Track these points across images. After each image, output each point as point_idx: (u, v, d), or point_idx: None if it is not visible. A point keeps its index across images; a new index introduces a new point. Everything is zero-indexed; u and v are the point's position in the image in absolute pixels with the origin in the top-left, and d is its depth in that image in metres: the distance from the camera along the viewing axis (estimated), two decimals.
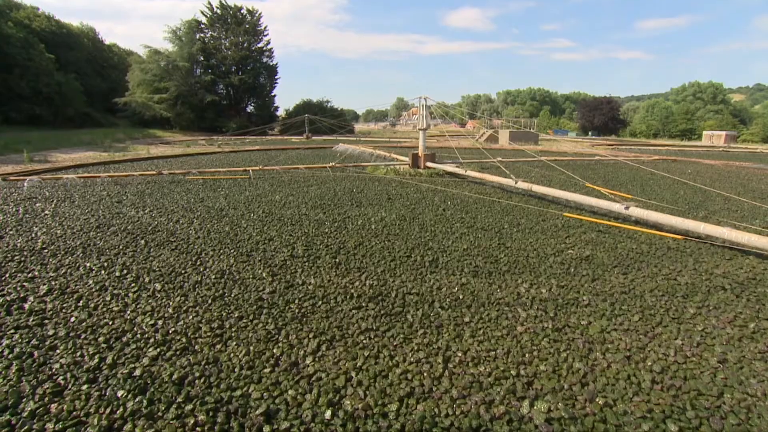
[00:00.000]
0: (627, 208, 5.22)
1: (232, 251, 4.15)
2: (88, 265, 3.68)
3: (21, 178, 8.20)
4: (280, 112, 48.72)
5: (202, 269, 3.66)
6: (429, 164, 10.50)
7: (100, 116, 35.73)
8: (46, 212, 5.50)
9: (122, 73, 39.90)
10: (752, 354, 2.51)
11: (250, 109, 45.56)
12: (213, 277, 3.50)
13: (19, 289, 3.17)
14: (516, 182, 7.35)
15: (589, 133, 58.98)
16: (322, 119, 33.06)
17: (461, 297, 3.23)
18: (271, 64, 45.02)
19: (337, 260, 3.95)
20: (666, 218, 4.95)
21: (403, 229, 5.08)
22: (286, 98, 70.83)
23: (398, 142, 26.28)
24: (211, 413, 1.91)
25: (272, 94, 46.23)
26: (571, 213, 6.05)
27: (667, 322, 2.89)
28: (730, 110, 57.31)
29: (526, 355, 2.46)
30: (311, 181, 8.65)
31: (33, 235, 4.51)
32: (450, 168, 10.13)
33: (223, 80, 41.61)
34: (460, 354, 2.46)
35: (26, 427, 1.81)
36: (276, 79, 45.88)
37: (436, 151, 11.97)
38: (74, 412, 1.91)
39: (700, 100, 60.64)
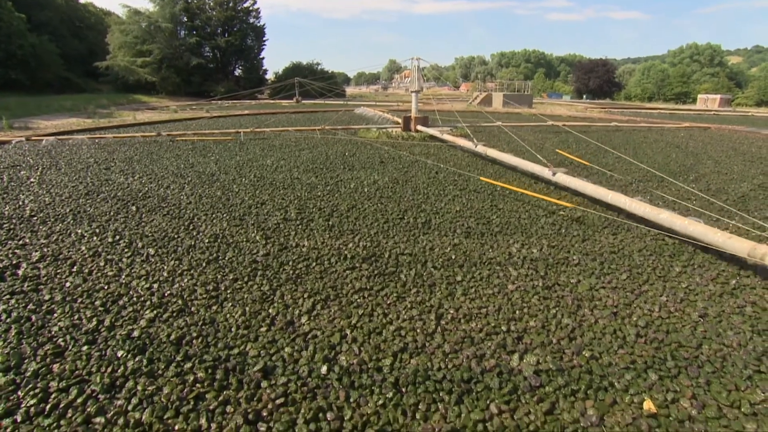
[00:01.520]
0: (554, 174, 5.16)
1: (224, 215, 4.14)
2: (79, 231, 3.66)
3: (39, 137, 8.69)
4: (269, 76, 47.22)
5: (195, 234, 3.66)
6: (420, 128, 10.36)
7: (81, 81, 34.29)
8: (32, 180, 5.39)
9: (101, 34, 38.04)
10: (731, 308, 2.61)
11: (238, 72, 44.10)
12: (206, 241, 3.50)
13: (10, 256, 3.16)
14: (476, 145, 7.42)
15: (584, 96, 58.22)
16: (312, 82, 32.16)
17: (453, 257, 3.28)
18: (259, 25, 43.24)
19: (330, 223, 3.97)
20: (590, 187, 4.67)
21: (396, 192, 5.08)
22: (275, 61, 69.08)
23: (399, 104, 25.81)
24: (209, 371, 1.97)
25: (260, 56, 44.69)
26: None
27: (653, 280, 2.98)
28: (727, 73, 56.61)
29: (517, 312, 2.53)
30: (302, 145, 8.53)
31: (20, 203, 4.44)
32: (433, 131, 10.00)
33: (209, 42, 39.99)
34: (452, 311, 2.52)
35: (30, 386, 1.85)
36: (264, 41, 44.21)
37: (428, 114, 11.77)
38: (76, 372, 1.95)
39: (697, 63, 59.71)
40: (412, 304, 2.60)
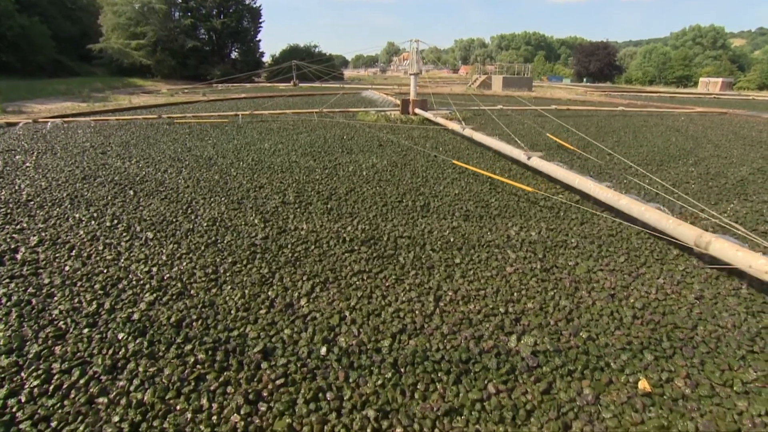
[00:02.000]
0: (529, 158, 5.16)
1: (222, 199, 4.12)
2: (77, 216, 3.64)
3: (46, 119, 8.86)
4: (266, 59, 46.53)
5: (193, 217, 3.65)
6: (418, 111, 10.26)
7: (75, 64, 33.65)
8: (28, 164, 5.35)
9: (93, 16, 37.17)
10: (727, 291, 2.63)
11: (234, 55, 43.33)
12: (205, 224, 3.50)
13: (8, 240, 3.15)
14: (463, 129, 7.46)
15: (584, 79, 57.56)
16: (309, 65, 31.70)
17: (452, 240, 3.29)
18: (255, 6, 42.33)
19: (328, 206, 3.96)
20: (560, 172, 4.63)
21: (395, 175, 5.06)
22: (271, 44, 68.08)
23: (396, 87, 25.55)
24: (210, 352, 1.98)
25: (257, 39, 43.88)
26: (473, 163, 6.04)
27: (651, 263, 2.99)
28: (729, 56, 55.77)
29: (515, 294, 2.55)
30: (300, 129, 8.46)
31: (16, 187, 4.41)
32: (428, 115, 9.93)
33: (205, 24, 39.17)
34: (450, 293, 2.54)
35: (33, 367, 1.87)
36: (260, 23, 43.37)
37: (427, 97, 11.65)
38: (78, 353, 1.97)
39: (700, 45, 58.82)
40: (411, 286, 2.61)
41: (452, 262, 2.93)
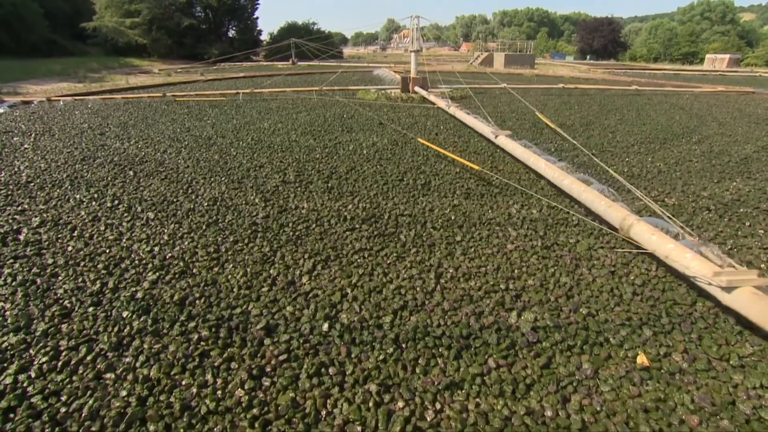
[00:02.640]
0: (496, 137, 5.13)
1: (223, 179, 4.11)
2: (77, 197, 3.64)
3: (58, 98, 9.17)
4: (264, 37, 45.60)
5: (194, 197, 3.65)
6: (417, 89, 10.11)
7: (69, 44, 32.96)
8: (26, 146, 5.31)
9: None
10: None
11: (231, 33, 42.43)
12: (205, 204, 3.50)
13: (11, 221, 3.16)
14: (449, 107, 7.50)
15: (587, 57, 56.44)
16: (308, 43, 31.08)
17: (453, 218, 3.29)
18: None
19: (329, 185, 3.95)
20: (518, 150, 4.63)
21: (395, 154, 5.03)
22: (269, 21, 66.63)
23: (393, 65, 25.13)
24: (213, 329, 2.01)
25: (254, 16, 42.88)
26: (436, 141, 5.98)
27: None
28: (738, 31, 54.32)
29: (515, 271, 2.56)
30: (300, 108, 8.37)
31: (16, 169, 4.39)
32: (424, 93, 9.82)
33: (200, 2, 38.28)
34: (451, 270, 2.55)
35: (41, 344, 1.90)
36: (257, 0, 42.40)
37: (428, 75, 11.46)
38: (84, 331, 1.99)
39: (708, 20, 57.23)
40: (412, 263, 2.62)
41: (453, 240, 2.93)
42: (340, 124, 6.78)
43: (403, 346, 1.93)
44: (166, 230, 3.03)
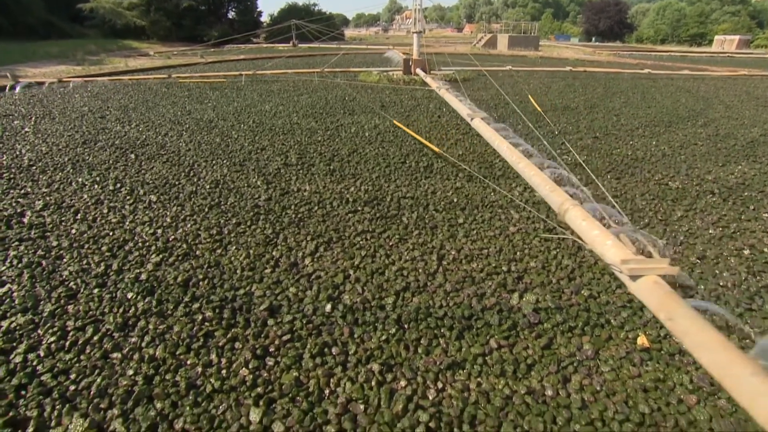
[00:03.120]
0: (472, 119, 5.07)
1: (224, 161, 4.10)
2: (80, 180, 3.64)
3: (69, 79, 9.34)
4: (264, 18, 44.86)
5: (195, 180, 3.64)
6: (418, 71, 9.96)
7: (66, 26, 32.43)
8: (27, 129, 5.29)
9: None
10: (729, 251, 2.63)
11: (231, 15, 41.76)
12: (208, 187, 3.49)
13: (14, 204, 3.17)
14: (439, 89, 7.41)
15: (593, 38, 55.31)
16: (308, 25, 30.54)
17: (455, 200, 3.28)
18: None
19: (331, 167, 3.93)
20: (487, 133, 4.43)
21: (398, 136, 4.99)
22: (269, 2, 64.82)
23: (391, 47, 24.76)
24: (217, 310, 2.03)
25: None
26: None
27: (654, 224, 2.99)
28: (749, 11, 52.80)
29: (518, 253, 2.56)
30: (301, 90, 8.28)
31: (17, 152, 4.38)
32: (423, 74, 9.69)
33: None
34: (453, 252, 2.56)
35: (48, 325, 1.93)
36: None
37: (432, 57, 11.29)
38: (90, 312, 2.02)
39: (718, 0, 55.73)
40: (414, 245, 2.63)
41: (455, 222, 2.93)
42: (342, 106, 6.72)
43: (406, 326, 1.95)
44: (168, 213, 3.04)
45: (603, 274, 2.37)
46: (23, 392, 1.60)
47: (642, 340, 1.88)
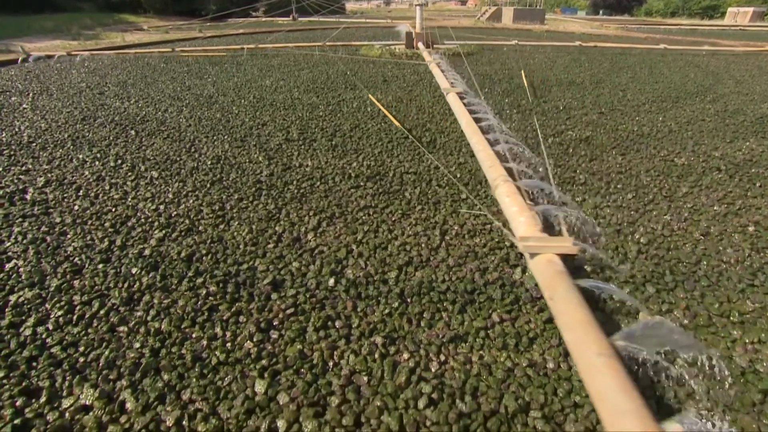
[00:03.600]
0: (447, 93, 5.02)
1: (225, 137, 4.06)
2: (80, 156, 3.62)
3: (77, 52, 9.59)
4: None
5: (197, 156, 3.62)
6: (419, 46, 9.74)
7: None
8: (24, 106, 5.24)
9: None
10: (734, 228, 2.61)
11: None
12: (209, 162, 3.47)
13: (16, 181, 3.16)
14: (430, 63, 7.42)
15: (600, 12, 53.67)
16: None
17: (459, 175, 3.25)
18: None
19: (333, 143, 3.90)
20: (457, 107, 4.61)
21: (400, 111, 4.92)
22: None
23: (389, 21, 24.17)
24: (221, 284, 2.04)
25: None
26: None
27: (659, 200, 2.96)
28: None
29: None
30: (302, 65, 8.13)
31: (16, 129, 4.35)
32: (421, 46, 9.52)
33: None
34: (456, 227, 2.55)
35: (56, 299, 1.95)
36: None
37: (435, 30, 11.02)
38: (96, 287, 2.04)
39: None
40: (417, 220, 2.62)
41: (459, 198, 2.92)
42: (344, 81, 6.61)
43: (408, 300, 1.96)
44: (170, 189, 3.03)
45: (606, 249, 2.37)
46: (34, 363, 1.63)
47: (643, 316, 1.89)
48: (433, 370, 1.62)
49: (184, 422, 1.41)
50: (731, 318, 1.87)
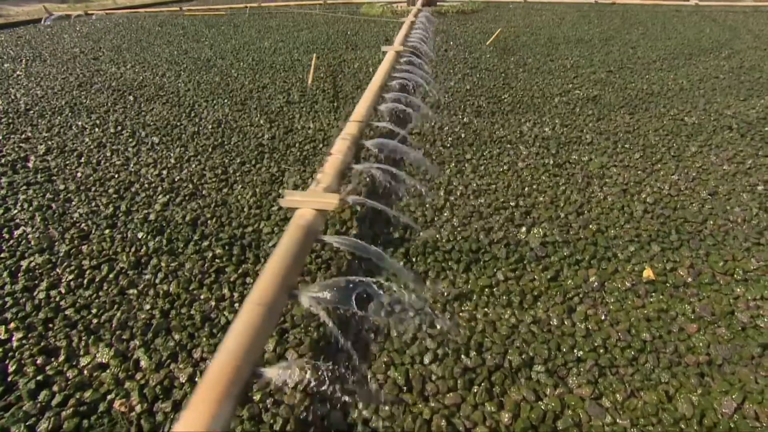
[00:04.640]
0: (386, 53, 4.78)
1: (225, 101, 3.99)
2: (80, 123, 3.58)
3: (93, 12, 9.96)
4: None
5: (197, 120, 3.57)
6: (417, 2, 9.33)
7: None
8: (18, 73, 5.13)
9: None
10: (742, 187, 2.57)
11: None
12: (210, 127, 3.43)
13: (17, 149, 3.15)
14: (413, 19, 7.09)
15: None
16: None
17: (463, 135, 3.20)
18: None
19: (335, 104, 3.82)
20: (382, 66, 4.12)
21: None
22: None
23: None
24: (227, 247, 2.06)
25: None
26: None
27: (667, 160, 2.90)
28: None
29: (526, 189, 2.53)
30: (301, 25, 7.86)
31: (12, 97, 4.28)
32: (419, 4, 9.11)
33: None
34: (461, 188, 2.53)
35: (66, 263, 1.99)
36: None
37: None
38: (104, 251, 2.06)
39: None
40: (421, 181, 2.60)
41: (463, 158, 2.88)
42: (344, 41, 6.39)
43: (413, 260, 1.97)
44: (172, 154, 3.00)
45: (612, 209, 2.35)
46: (51, 325, 1.68)
47: (648, 273, 1.90)
48: (438, 326, 1.65)
49: (197, 379, 1.46)
50: (735, 276, 1.88)
